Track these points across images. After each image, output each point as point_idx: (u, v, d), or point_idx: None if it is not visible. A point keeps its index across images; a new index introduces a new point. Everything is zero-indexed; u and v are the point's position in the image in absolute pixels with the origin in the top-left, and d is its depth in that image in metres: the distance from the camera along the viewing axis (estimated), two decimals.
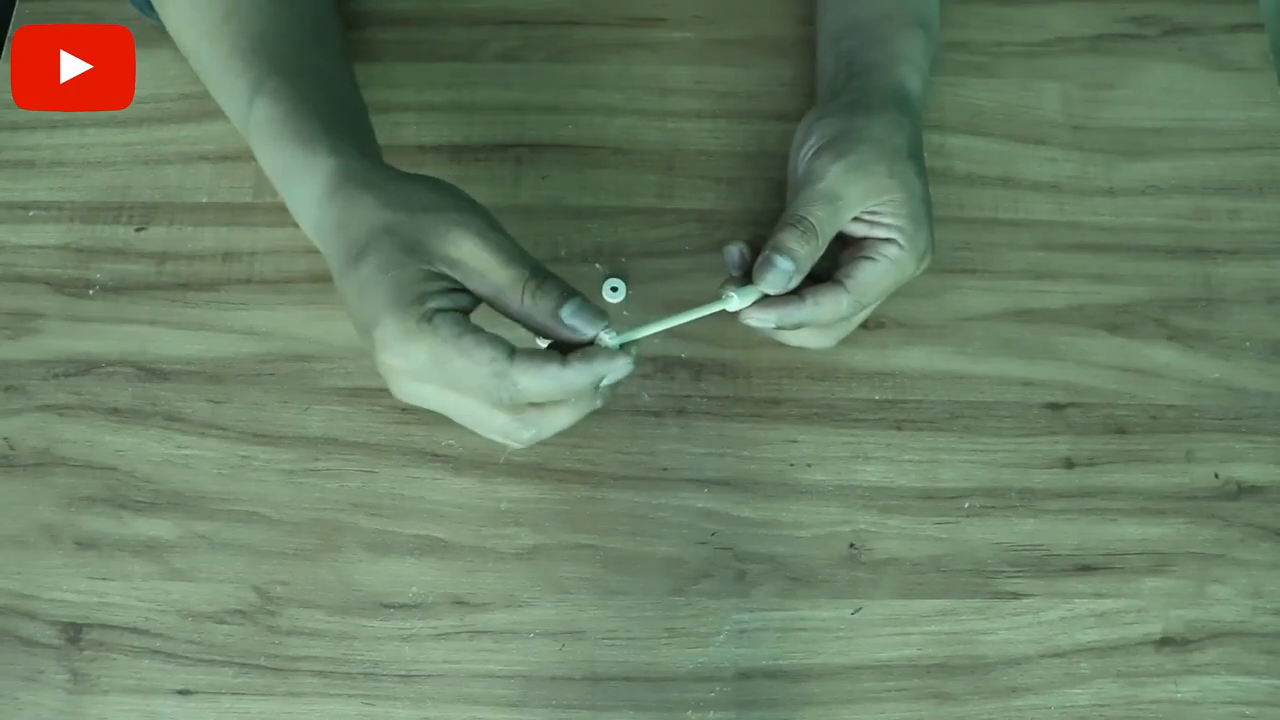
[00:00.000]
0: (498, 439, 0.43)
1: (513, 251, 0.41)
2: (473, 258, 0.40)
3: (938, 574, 0.51)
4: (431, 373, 0.40)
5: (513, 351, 0.39)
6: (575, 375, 0.40)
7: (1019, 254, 0.57)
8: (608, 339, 0.41)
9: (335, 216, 0.42)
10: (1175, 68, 0.61)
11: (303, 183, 0.44)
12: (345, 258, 0.41)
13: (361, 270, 0.40)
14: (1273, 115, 0.60)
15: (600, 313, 0.41)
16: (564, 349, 0.41)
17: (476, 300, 0.41)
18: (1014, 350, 0.55)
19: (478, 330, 0.40)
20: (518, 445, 0.43)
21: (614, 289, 0.55)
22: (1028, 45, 0.62)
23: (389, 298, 0.39)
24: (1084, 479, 0.52)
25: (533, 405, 0.41)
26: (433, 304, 0.39)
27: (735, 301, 0.45)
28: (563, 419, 0.42)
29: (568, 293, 0.41)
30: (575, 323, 0.40)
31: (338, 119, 0.46)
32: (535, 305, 0.40)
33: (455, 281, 0.40)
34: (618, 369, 0.41)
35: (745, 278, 0.46)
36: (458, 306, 0.40)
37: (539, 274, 0.41)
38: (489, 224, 0.41)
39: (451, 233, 0.40)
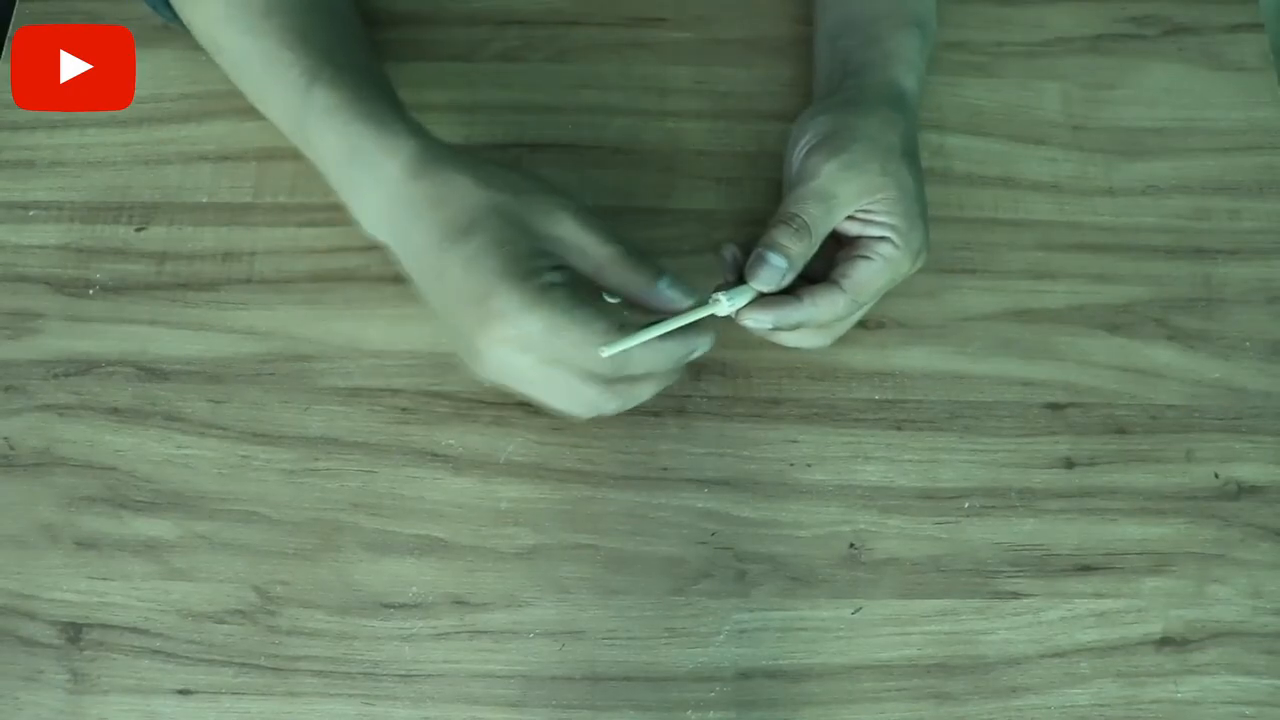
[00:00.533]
0: (578, 411, 0.46)
1: (609, 231, 0.44)
2: (575, 237, 0.43)
3: (938, 574, 0.51)
4: (541, 343, 0.42)
5: (623, 325, 0.42)
6: (676, 347, 0.44)
7: (1019, 254, 0.57)
8: (712, 305, 0.45)
9: (427, 194, 0.44)
10: (1175, 68, 0.61)
11: (378, 163, 0.45)
12: (444, 234, 0.43)
13: (469, 245, 0.42)
14: (1273, 115, 0.60)
15: (691, 287, 0.44)
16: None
17: (574, 276, 0.44)
18: (1014, 350, 0.55)
19: (591, 303, 0.42)
20: (600, 413, 0.46)
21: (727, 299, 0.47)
22: (1028, 45, 0.62)
23: (505, 269, 0.42)
24: (1084, 479, 0.52)
25: (625, 378, 0.44)
26: (548, 277, 0.42)
27: (725, 305, 0.45)
28: (649, 390, 0.46)
29: (661, 269, 0.44)
30: (673, 294, 0.44)
31: (401, 107, 0.48)
32: (636, 277, 0.44)
33: (559, 258, 0.43)
34: (704, 343, 0.45)
35: (739, 280, 0.46)
36: (570, 282, 0.43)
37: (635, 252, 0.44)
38: (583, 206, 0.44)
39: (555, 213, 0.43)
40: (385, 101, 0.47)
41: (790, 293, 0.46)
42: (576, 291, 0.42)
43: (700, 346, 0.45)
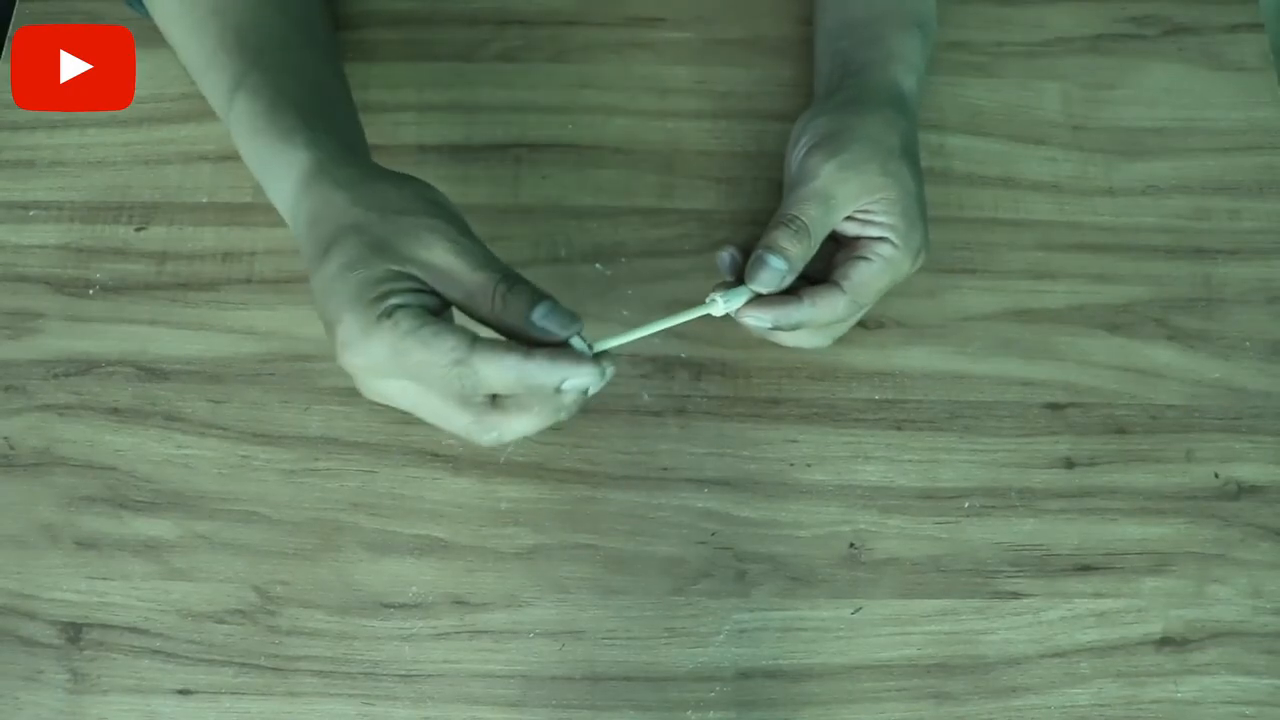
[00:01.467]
0: (468, 438, 0.42)
1: (484, 256, 0.40)
2: (443, 261, 0.40)
3: (938, 574, 0.51)
4: (393, 367, 0.39)
5: (474, 340, 0.39)
6: (537, 369, 0.39)
7: (1019, 254, 0.57)
8: (578, 343, 0.40)
9: (307, 212, 0.42)
10: (1175, 68, 0.61)
11: (280, 176, 0.44)
12: (314, 254, 0.41)
13: (327, 267, 0.40)
14: (1273, 115, 0.60)
15: (573, 316, 0.40)
16: None
17: (445, 305, 0.41)
18: (1014, 350, 0.55)
19: (438, 321, 0.39)
20: (481, 444, 0.42)
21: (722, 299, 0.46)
22: (1028, 45, 0.62)
23: (351, 296, 0.39)
24: (1084, 479, 0.52)
25: (495, 407, 0.41)
26: (393, 300, 0.39)
27: (720, 306, 0.45)
28: (524, 424, 0.41)
29: (539, 296, 0.40)
30: (547, 324, 0.39)
31: (318, 115, 0.46)
32: (506, 308, 0.39)
33: (423, 283, 0.40)
34: (584, 374, 0.39)
35: (737, 281, 0.46)
36: (422, 305, 0.40)
37: (509, 278, 0.40)
38: (461, 229, 0.41)
39: (423, 236, 0.40)
40: (298, 113, 0.45)
41: (791, 293, 0.46)
42: (424, 312, 0.39)
43: (580, 377, 0.39)
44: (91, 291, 0.54)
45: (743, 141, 0.59)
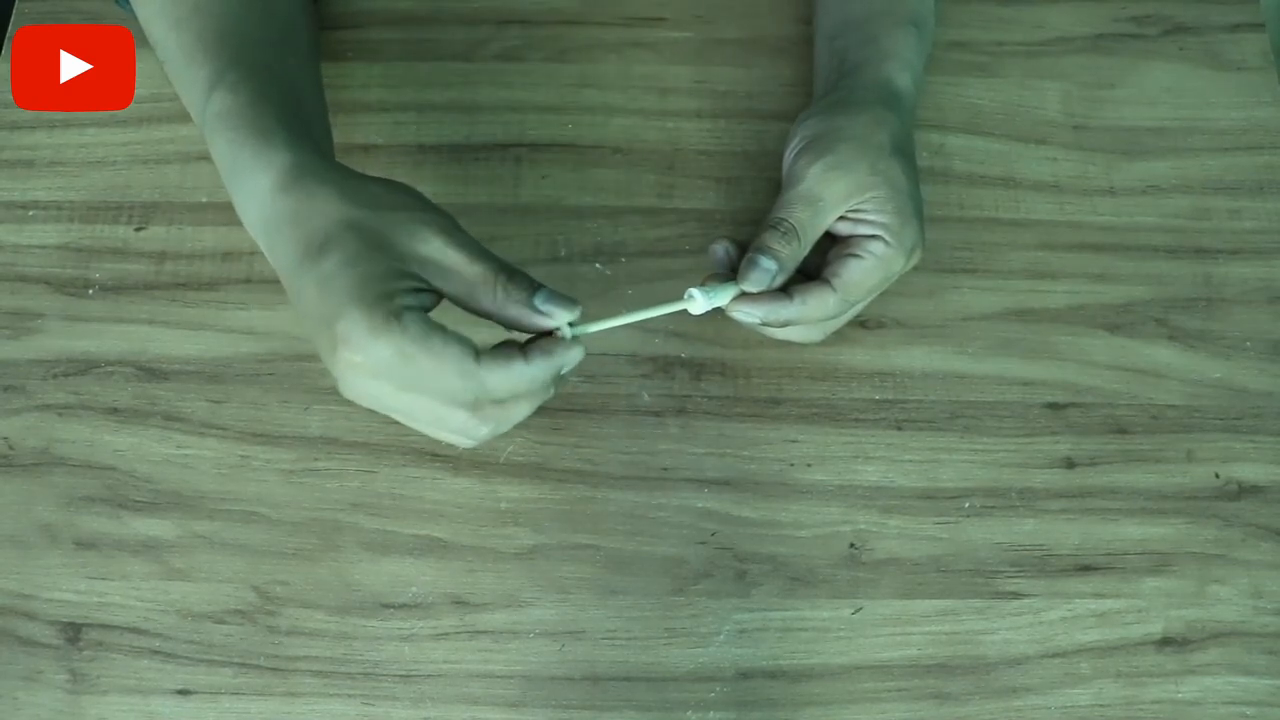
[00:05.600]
0: (451, 438, 0.43)
1: (479, 249, 0.41)
2: (442, 256, 0.40)
3: (938, 574, 0.51)
4: (393, 371, 0.39)
5: (477, 351, 0.40)
6: (539, 369, 0.41)
7: (1019, 254, 0.57)
8: (566, 330, 0.42)
9: (290, 210, 0.42)
10: (1176, 67, 0.61)
11: (253, 175, 0.43)
12: (302, 251, 0.41)
13: (323, 264, 0.40)
14: (1273, 115, 0.60)
15: (571, 299, 0.42)
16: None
17: (438, 299, 0.41)
18: (1014, 350, 0.55)
19: (444, 330, 0.40)
20: (469, 444, 0.44)
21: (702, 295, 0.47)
22: (1028, 45, 0.62)
23: (355, 292, 0.39)
24: (1084, 479, 0.52)
25: (493, 401, 0.41)
26: (401, 301, 0.39)
27: (700, 303, 0.45)
28: (521, 412, 0.43)
29: (535, 284, 0.41)
30: (549, 308, 0.41)
31: (295, 117, 0.45)
32: (508, 298, 0.41)
33: (422, 281, 0.40)
34: (574, 357, 0.42)
35: (730, 275, 0.46)
36: (423, 305, 0.40)
37: (507, 268, 0.41)
38: (453, 224, 0.42)
39: (420, 231, 0.40)
40: (278, 111, 0.44)
41: (783, 290, 0.46)
42: (430, 318, 0.40)
43: (569, 362, 0.42)
44: (91, 291, 0.54)
45: (743, 141, 0.59)
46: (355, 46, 0.60)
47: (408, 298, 0.40)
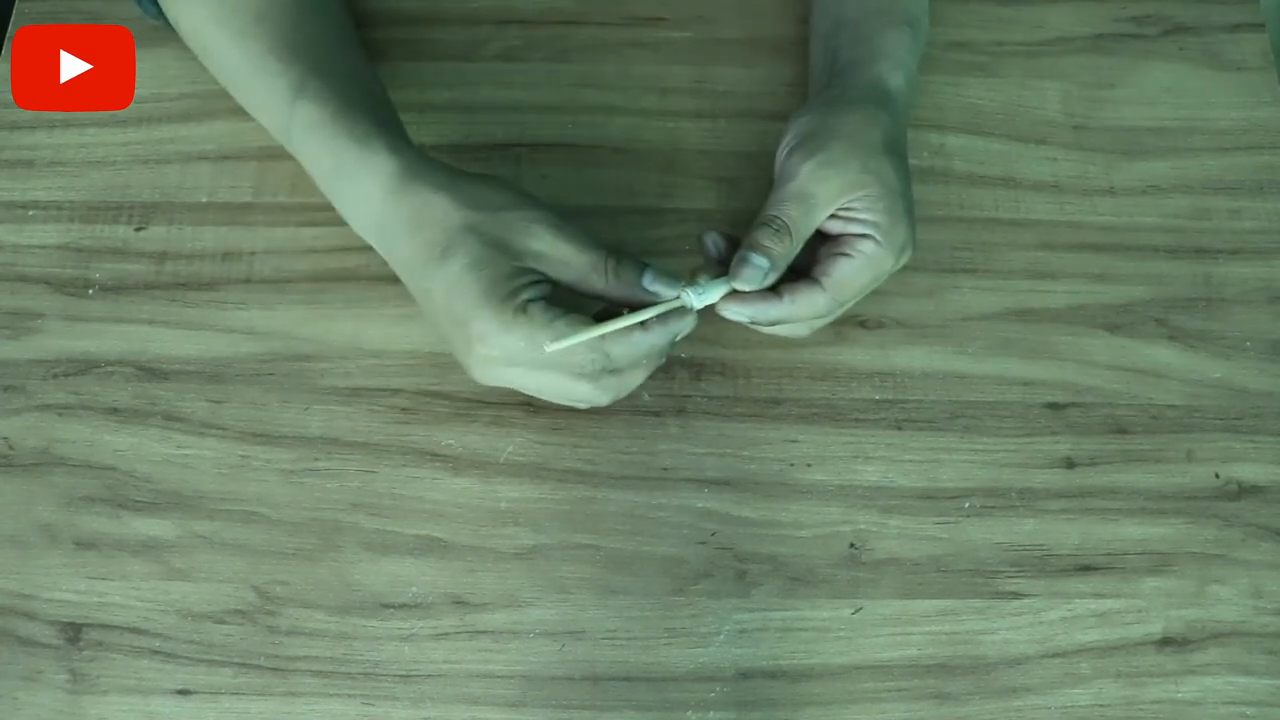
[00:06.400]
0: (577, 404, 0.48)
1: (585, 238, 0.45)
2: (554, 249, 0.44)
3: (938, 574, 0.51)
4: (526, 356, 0.44)
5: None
6: (657, 337, 0.45)
7: (1019, 254, 0.57)
8: (685, 296, 0.45)
9: (407, 215, 0.45)
10: (1176, 67, 0.61)
11: (359, 181, 0.46)
12: (426, 256, 0.44)
13: (449, 268, 0.43)
14: (1273, 115, 0.60)
15: (674, 276, 0.45)
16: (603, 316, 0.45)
17: (554, 286, 0.45)
18: (1014, 350, 0.55)
19: (568, 314, 0.44)
20: (595, 404, 0.48)
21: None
22: (1028, 45, 0.62)
23: (484, 294, 0.43)
24: (1084, 479, 0.52)
25: (612, 372, 0.46)
26: (525, 296, 0.43)
27: (693, 301, 0.45)
28: (637, 378, 0.47)
29: (642, 263, 0.45)
30: (657, 287, 0.45)
31: (385, 117, 0.48)
32: (619, 280, 0.44)
33: (539, 273, 0.44)
34: (688, 325, 0.46)
35: (720, 268, 0.46)
36: (543, 295, 0.44)
37: (614, 253, 0.45)
38: (559, 217, 0.45)
39: (532, 228, 0.44)
40: (369, 115, 0.47)
41: (773, 289, 0.47)
42: (552, 305, 0.44)
43: (684, 329, 0.46)
44: (91, 291, 0.54)
45: (743, 141, 0.59)
46: None
47: (529, 290, 0.44)
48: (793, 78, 0.60)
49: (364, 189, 0.46)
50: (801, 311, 0.47)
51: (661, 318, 0.45)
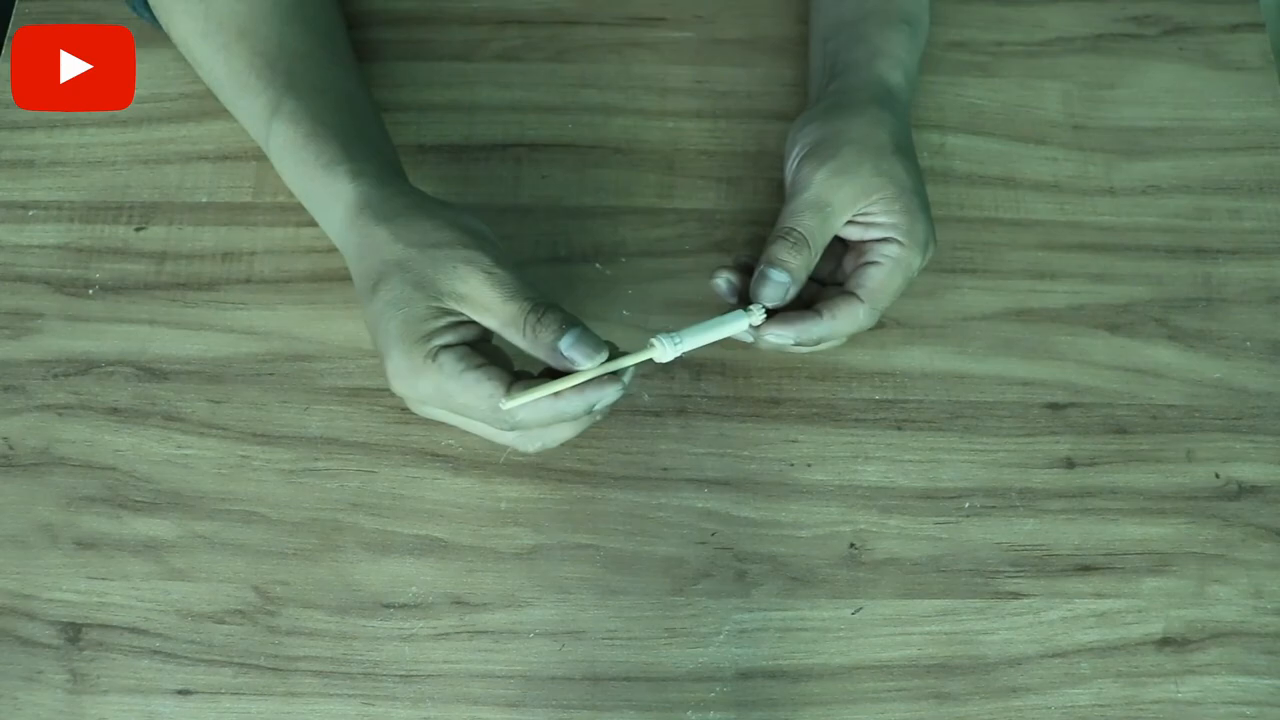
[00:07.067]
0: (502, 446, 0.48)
1: (515, 286, 0.43)
2: (478, 293, 0.42)
3: (938, 574, 0.51)
4: (439, 402, 0.43)
5: (510, 385, 0.42)
6: (568, 405, 0.42)
7: (1019, 254, 0.57)
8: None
9: (355, 245, 0.45)
10: (1176, 67, 0.61)
11: (327, 206, 0.47)
12: (363, 287, 0.44)
13: (375, 303, 0.43)
14: (1273, 115, 0.60)
15: (599, 343, 0.42)
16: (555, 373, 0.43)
17: (486, 330, 0.44)
18: (1014, 350, 0.55)
19: (479, 365, 0.42)
20: (525, 451, 0.47)
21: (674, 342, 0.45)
22: (1028, 45, 0.62)
23: (398, 334, 0.42)
24: (1084, 479, 0.52)
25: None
26: (438, 341, 0.42)
27: (668, 350, 0.44)
28: (564, 434, 0.46)
29: (567, 325, 0.42)
30: (573, 355, 0.42)
31: (356, 137, 0.48)
32: (537, 338, 0.42)
33: (463, 315, 0.43)
34: (609, 396, 0.42)
35: (742, 302, 0.46)
36: (463, 340, 0.43)
37: (539, 308, 0.42)
38: (495, 259, 0.43)
39: (459, 269, 0.43)
40: (338, 138, 0.47)
41: (810, 308, 0.47)
42: (468, 354, 0.42)
43: (604, 399, 0.43)
44: (91, 291, 0.54)
45: (743, 141, 0.59)
46: (355, 46, 0.59)
47: (446, 335, 0.42)
48: (793, 78, 0.60)
49: (330, 213, 0.47)
50: (844, 327, 0.47)
51: (577, 388, 0.42)
